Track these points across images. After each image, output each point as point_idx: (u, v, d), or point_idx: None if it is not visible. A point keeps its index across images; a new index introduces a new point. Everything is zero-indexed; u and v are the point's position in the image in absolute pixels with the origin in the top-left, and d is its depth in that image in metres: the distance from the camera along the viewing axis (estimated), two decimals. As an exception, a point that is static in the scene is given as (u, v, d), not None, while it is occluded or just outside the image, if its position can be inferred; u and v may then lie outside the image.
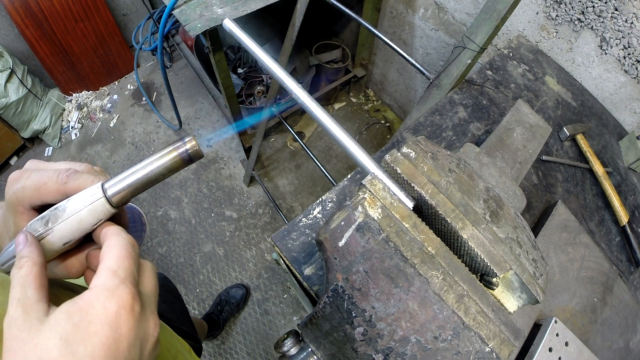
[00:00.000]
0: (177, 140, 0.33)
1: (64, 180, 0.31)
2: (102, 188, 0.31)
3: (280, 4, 1.30)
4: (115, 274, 0.28)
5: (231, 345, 1.73)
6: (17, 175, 0.32)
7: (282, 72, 0.49)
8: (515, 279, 0.41)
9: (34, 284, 0.27)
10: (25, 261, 0.28)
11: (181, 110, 2.39)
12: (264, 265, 1.92)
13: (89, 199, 0.31)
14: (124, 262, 0.29)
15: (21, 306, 0.25)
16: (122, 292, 0.27)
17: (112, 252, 0.29)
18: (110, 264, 0.28)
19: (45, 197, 0.31)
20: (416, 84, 2.08)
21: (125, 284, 0.28)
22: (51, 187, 0.31)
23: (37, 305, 0.26)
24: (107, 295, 0.27)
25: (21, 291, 0.26)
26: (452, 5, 1.55)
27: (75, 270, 0.34)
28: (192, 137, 0.33)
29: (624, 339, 0.81)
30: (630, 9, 1.01)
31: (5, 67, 1.93)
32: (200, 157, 0.33)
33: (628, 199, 1.04)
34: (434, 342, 0.37)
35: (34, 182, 0.31)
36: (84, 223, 0.31)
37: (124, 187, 0.32)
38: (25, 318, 0.25)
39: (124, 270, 0.28)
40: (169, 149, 0.32)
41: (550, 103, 1.13)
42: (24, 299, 0.26)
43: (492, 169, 0.71)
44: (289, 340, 0.52)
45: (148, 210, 2.05)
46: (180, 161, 0.32)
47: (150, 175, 0.32)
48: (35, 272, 0.27)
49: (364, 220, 0.39)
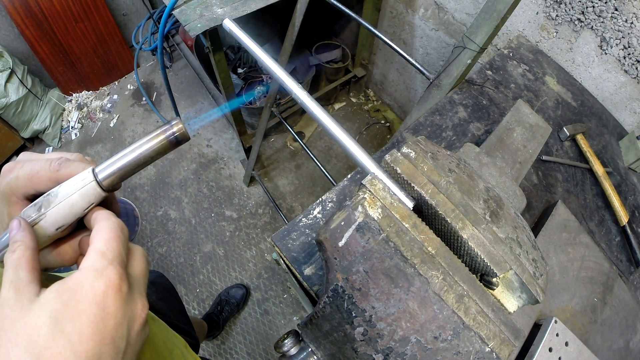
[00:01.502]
0: (164, 124, 0.33)
1: (56, 168, 0.32)
2: (92, 172, 0.32)
3: (280, 4, 1.30)
4: (103, 255, 0.29)
5: (231, 345, 1.73)
6: (10, 167, 0.33)
7: (282, 72, 0.48)
8: (515, 279, 0.41)
9: (26, 267, 0.27)
10: (18, 245, 0.28)
11: (181, 110, 2.39)
12: (264, 265, 1.92)
13: (80, 183, 0.31)
14: (112, 244, 0.29)
15: (13, 287, 0.26)
16: (110, 273, 0.28)
17: (101, 234, 0.30)
18: (99, 245, 0.29)
19: (38, 186, 0.32)
20: (416, 84, 2.08)
21: (114, 265, 0.28)
22: (44, 176, 0.32)
23: (28, 286, 0.27)
24: (95, 275, 0.27)
25: (14, 273, 0.27)
26: (452, 5, 1.55)
27: (68, 257, 0.35)
28: (178, 120, 0.33)
29: (624, 339, 0.81)
30: (630, 9, 1.01)
31: (5, 67, 1.93)
32: (187, 139, 0.34)
33: (628, 199, 1.04)
34: (434, 342, 0.37)
35: (26, 171, 0.32)
36: (75, 207, 0.32)
37: (113, 170, 0.32)
38: (17, 298, 0.26)
39: (112, 251, 0.29)
40: (156, 132, 0.33)
41: (550, 103, 1.13)
42: (17, 280, 0.27)
43: (492, 169, 0.71)
44: (289, 340, 0.52)
45: (148, 210, 2.05)
46: (167, 144, 0.33)
47: (139, 158, 0.33)
48: (27, 256, 0.28)
49: (364, 220, 0.39)
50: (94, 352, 0.25)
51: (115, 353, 0.27)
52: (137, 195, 2.10)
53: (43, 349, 0.24)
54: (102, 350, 0.26)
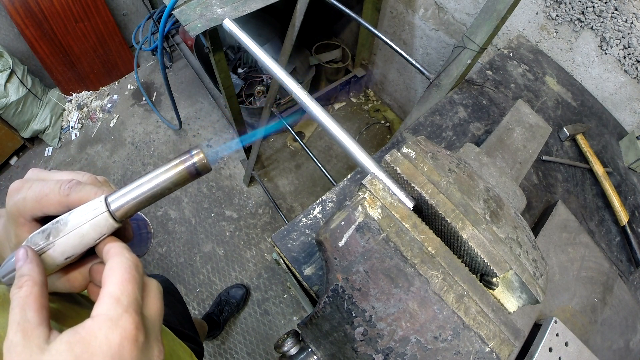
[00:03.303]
0: (184, 153, 0.31)
1: (66, 192, 0.30)
2: (105, 201, 0.30)
3: (280, 4, 1.30)
4: (118, 301, 0.27)
5: (231, 345, 1.73)
6: (18, 186, 0.31)
7: (282, 72, 0.48)
8: (515, 279, 0.41)
9: (34, 306, 0.26)
10: (25, 280, 0.27)
11: (181, 110, 2.39)
12: (264, 265, 1.92)
13: (91, 213, 0.30)
14: (127, 288, 0.27)
15: (21, 330, 0.25)
16: (126, 322, 0.26)
17: (115, 275, 0.28)
18: (112, 289, 0.27)
19: (46, 209, 0.31)
20: (416, 84, 2.08)
21: (129, 313, 0.27)
22: (53, 199, 0.30)
23: (37, 329, 0.25)
24: (110, 325, 0.26)
25: (21, 314, 0.25)
26: (452, 5, 1.55)
27: (78, 284, 0.33)
28: (199, 150, 0.31)
29: (624, 339, 0.81)
30: (630, 9, 1.01)
31: (5, 67, 1.93)
32: (209, 170, 0.31)
33: (628, 199, 1.04)
34: (434, 342, 0.37)
35: (35, 193, 0.30)
36: (86, 238, 0.30)
37: (128, 201, 0.30)
38: (25, 344, 0.24)
39: (127, 296, 0.27)
40: (175, 162, 0.31)
41: (550, 103, 1.13)
42: (24, 322, 0.25)
43: (492, 169, 0.71)
44: (289, 340, 0.52)
45: (148, 210, 2.05)
46: (187, 175, 0.31)
47: (156, 190, 0.31)
48: (35, 293, 0.26)
49: (364, 220, 0.39)
50: None
51: None
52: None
53: None
54: None
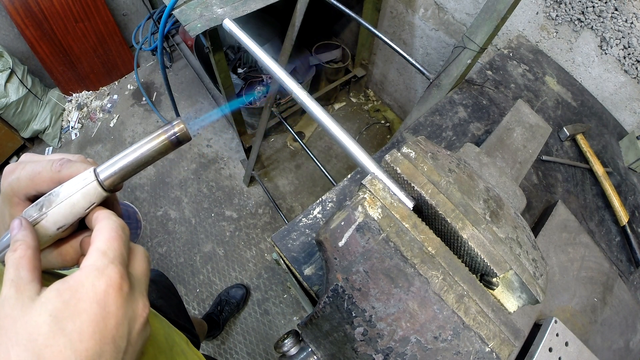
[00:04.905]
0: (165, 124, 0.34)
1: (58, 168, 0.32)
2: (94, 172, 0.32)
3: (280, 4, 1.30)
4: (104, 254, 0.29)
5: (231, 345, 1.73)
6: (12, 167, 0.33)
7: (282, 72, 0.48)
8: (515, 279, 0.41)
9: (27, 266, 0.27)
10: (19, 244, 0.28)
11: (181, 110, 2.39)
12: (264, 265, 1.92)
13: (81, 183, 0.32)
14: (113, 244, 0.29)
15: (14, 286, 0.26)
16: (111, 272, 0.28)
17: (102, 234, 0.30)
18: (99, 245, 0.29)
19: (39, 187, 0.32)
20: (416, 84, 2.08)
21: (114, 264, 0.28)
22: (45, 176, 0.32)
23: (29, 285, 0.27)
24: (96, 274, 0.27)
25: (14, 272, 0.27)
26: (452, 5, 1.55)
27: (69, 258, 0.35)
28: (180, 120, 0.34)
29: (624, 339, 0.81)
30: (630, 9, 1.01)
31: (5, 67, 1.93)
32: (189, 139, 0.34)
33: (628, 199, 1.04)
34: (434, 342, 0.37)
35: (28, 172, 0.32)
36: (77, 207, 0.32)
37: (115, 170, 0.32)
38: (17, 297, 0.26)
39: (113, 251, 0.29)
40: (158, 132, 0.33)
41: (550, 103, 1.13)
42: (17, 279, 0.27)
43: (492, 169, 0.71)
44: (289, 340, 0.52)
45: (148, 210, 2.05)
46: (169, 144, 0.33)
47: (140, 158, 0.33)
48: (29, 255, 0.28)
49: (364, 220, 0.39)
50: (94, 350, 0.25)
51: (115, 352, 0.27)
52: (137, 195, 2.10)
53: (43, 347, 0.24)
54: (102, 349, 0.26)
